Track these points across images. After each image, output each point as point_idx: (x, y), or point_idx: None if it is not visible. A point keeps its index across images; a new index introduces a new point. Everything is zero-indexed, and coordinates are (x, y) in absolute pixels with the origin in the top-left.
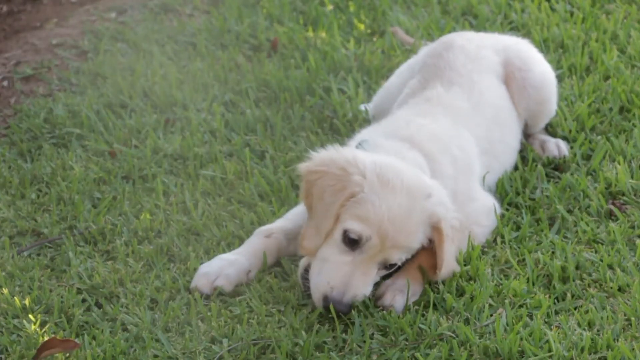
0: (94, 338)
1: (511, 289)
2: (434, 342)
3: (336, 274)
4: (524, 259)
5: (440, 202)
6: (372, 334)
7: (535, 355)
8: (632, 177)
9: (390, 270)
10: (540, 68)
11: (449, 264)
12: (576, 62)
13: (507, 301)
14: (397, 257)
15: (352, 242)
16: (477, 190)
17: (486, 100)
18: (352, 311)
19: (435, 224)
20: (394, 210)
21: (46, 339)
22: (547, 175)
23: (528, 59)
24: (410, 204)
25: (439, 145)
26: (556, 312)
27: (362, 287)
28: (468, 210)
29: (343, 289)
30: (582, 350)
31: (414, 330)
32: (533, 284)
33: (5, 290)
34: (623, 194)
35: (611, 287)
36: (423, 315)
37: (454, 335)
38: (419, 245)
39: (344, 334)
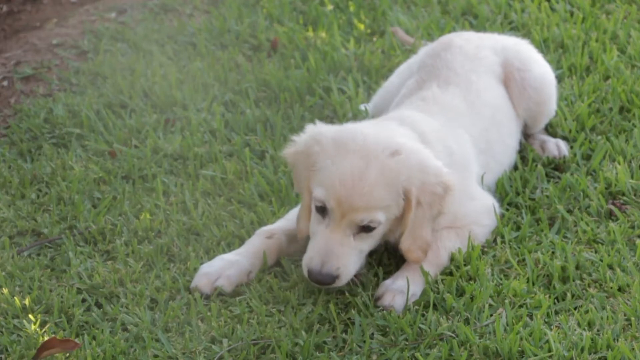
0: (94, 338)
1: (511, 289)
2: (434, 342)
3: (314, 246)
4: (524, 259)
5: (412, 163)
6: (372, 334)
7: (535, 355)
8: (632, 177)
9: (372, 233)
10: (540, 68)
11: (414, 233)
12: (576, 62)
13: (507, 301)
14: (361, 218)
15: (321, 210)
16: (476, 190)
17: (483, 100)
18: (357, 314)
19: (404, 185)
20: (346, 172)
21: (46, 339)
22: (547, 175)
23: (527, 59)
24: (364, 163)
25: (432, 132)
26: (556, 312)
27: (342, 257)
28: (467, 210)
29: (321, 260)
30: (582, 350)
31: (414, 330)
32: (533, 284)
33: (5, 290)
34: (623, 194)
35: (611, 287)
36: (423, 315)
37: (454, 335)
38: (390, 203)
39: (344, 334)
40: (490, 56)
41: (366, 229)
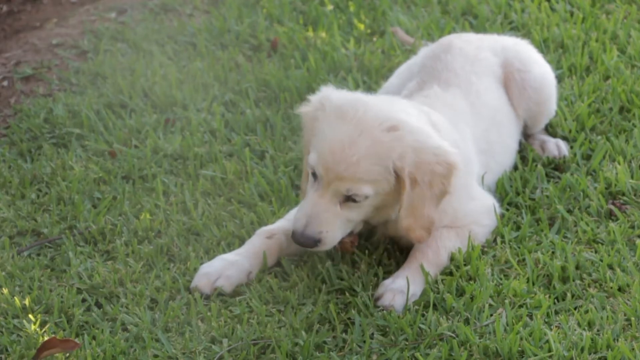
0: (94, 338)
1: (511, 289)
2: (434, 342)
3: (301, 207)
4: (524, 259)
5: (408, 141)
6: (372, 334)
7: (535, 355)
8: (632, 177)
9: (360, 204)
10: (540, 69)
11: (415, 212)
12: (576, 62)
13: (507, 301)
14: (346, 188)
15: (314, 175)
16: (476, 189)
17: (484, 101)
18: (357, 314)
19: (395, 162)
20: (337, 140)
21: (46, 339)
22: (547, 175)
23: (527, 59)
24: (357, 134)
25: (442, 123)
26: (556, 312)
27: (326, 223)
28: (467, 210)
29: (305, 221)
30: (582, 350)
31: (414, 330)
32: (533, 284)
33: (5, 290)
34: (623, 194)
35: (611, 287)
36: (423, 315)
37: (454, 335)
38: (378, 178)
39: (344, 334)
40: (490, 57)
41: (353, 199)
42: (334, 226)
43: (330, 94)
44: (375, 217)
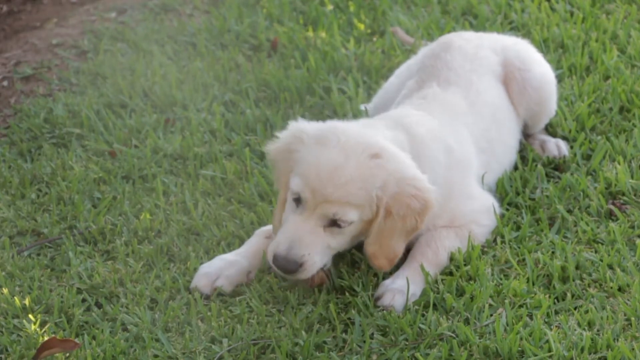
0: (94, 338)
1: (511, 289)
2: (434, 342)
3: (283, 232)
4: (524, 259)
5: (390, 169)
6: (372, 334)
7: (535, 355)
8: (632, 177)
9: (343, 230)
10: (540, 68)
11: (381, 241)
12: (576, 62)
13: (507, 301)
14: (333, 212)
15: (297, 201)
16: (476, 189)
17: (483, 100)
18: (357, 314)
19: (377, 191)
20: (323, 163)
21: (46, 339)
22: (547, 175)
23: (527, 59)
24: (343, 158)
25: (429, 131)
26: (556, 312)
27: (310, 247)
28: (466, 209)
29: (288, 245)
30: (582, 350)
31: (414, 330)
32: (533, 284)
33: (5, 290)
34: (623, 194)
35: (611, 287)
36: (423, 315)
37: (454, 335)
38: (363, 203)
39: (344, 334)
40: (490, 56)
41: (337, 223)
42: (316, 250)
43: (302, 126)
44: (349, 246)
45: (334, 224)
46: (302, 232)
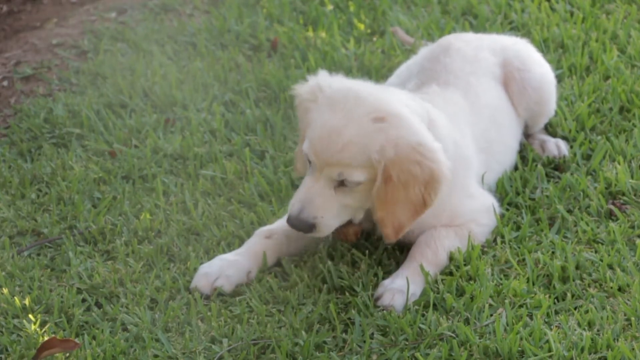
0: (94, 338)
1: (511, 289)
2: (434, 342)
3: (297, 193)
4: (524, 259)
5: (391, 134)
6: (372, 334)
7: (535, 355)
8: (632, 177)
9: (355, 189)
10: (540, 68)
11: (386, 207)
12: (576, 62)
13: (507, 301)
14: (337, 173)
15: (308, 161)
16: (475, 188)
17: (482, 101)
18: (357, 314)
19: (373, 154)
20: (326, 127)
21: (46, 339)
22: (547, 175)
23: (527, 59)
24: (344, 123)
25: (444, 119)
26: (556, 312)
27: (322, 209)
28: (465, 208)
29: (300, 206)
30: (582, 350)
31: (414, 330)
32: (533, 284)
33: (5, 290)
34: (623, 194)
35: (611, 287)
36: (423, 315)
37: (454, 335)
38: (363, 164)
39: (344, 334)
40: (489, 57)
41: (346, 184)
42: (329, 212)
43: (323, 84)
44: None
45: (342, 184)
46: (313, 194)
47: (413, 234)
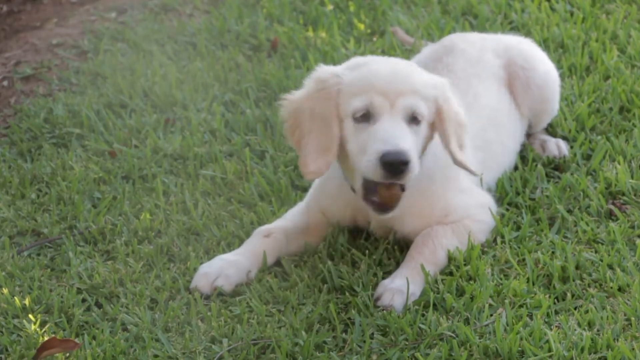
0: (94, 338)
1: (511, 289)
2: (434, 342)
3: (376, 138)
4: (524, 259)
5: (438, 84)
6: (372, 334)
7: (535, 355)
8: (632, 177)
9: (419, 128)
10: (544, 67)
11: (453, 146)
12: (576, 62)
13: (507, 301)
14: (410, 103)
15: (366, 118)
16: (466, 183)
17: (482, 102)
18: (357, 314)
19: (435, 99)
20: (379, 70)
21: (46, 339)
22: (547, 175)
23: (531, 57)
24: (394, 63)
25: None
26: (556, 312)
27: (407, 141)
28: (458, 203)
29: (392, 143)
30: (582, 350)
31: (414, 330)
32: (533, 284)
33: (5, 290)
34: (623, 194)
35: (611, 287)
36: (423, 315)
37: (454, 335)
38: (430, 92)
39: (344, 334)
40: (492, 60)
41: (416, 118)
42: (414, 150)
43: (327, 69)
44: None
45: (412, 120)
46: (395, 129)
47: (410, 231)
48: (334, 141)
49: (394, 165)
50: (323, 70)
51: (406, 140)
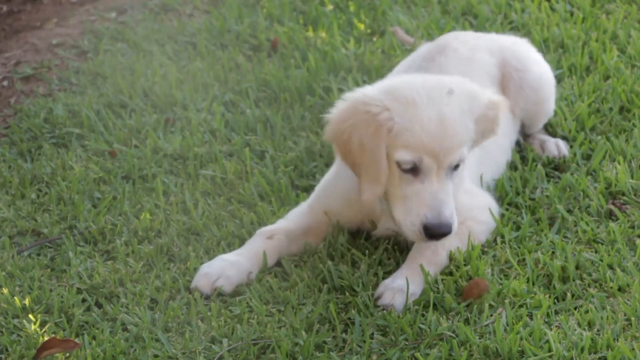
0: (94, 338)
1: (511, 289)
2: (434, 342)
3: (422, 201)
4: (524, 259)
5: (467, 93)
6: (372, 334)
7: (535, 355)
8: (632, 177)
9: (459, 169)
10: (538, 68)
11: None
12: (576, 62)
13: (507, 301)
14: (457, 159)
15: (412, 171)
16: (469, 185)
17: None
18: (357, 314)
19: (473, 116)
20: (428, 125)
21: (46, 339)
22: (547, 175)
23: (525, 59)
24: (438, 109)
25: None
26: (556, 312)
27: (451, 204)
28: (461, 204)
29: (437, 211)
30: (582, 350)
31: (414, 330)
32: (533, 284)
33: (5, 290)
34: (623, 194)
35: (611, 287)
36: (423, 315)
37: (454, 335)
38: (473, 134)
39: (344, 334)
40: (486, 58)
41: (458, 166)
42: (453, 205)
43: (367, 93)
44: None
45: (455, 168)
46: (440, 194)
47: None
48: (383, 177)
49: (437, 235)
50: (368, 96)
51: (450, 205)
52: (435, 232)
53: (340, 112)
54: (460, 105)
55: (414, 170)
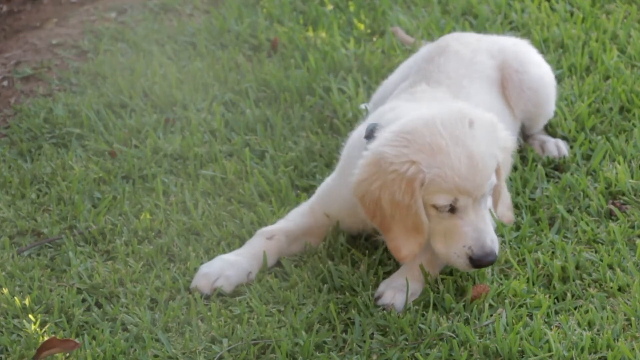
0: (94, 338)
1: (511, 289)
2: (434, 342)
3: (464, 235)
4: (524, 259)
5: (486, 121)
6: (372, 334)
7: (535, 355)
8: (632, 177)
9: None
10: (538, 70)
11: (502, 196)
12: (576, 62)
13: (507, 301)
14: (488, 190)
15: (450, 209)
16: None
17: (473, 102)
18: (357, 314)
19: (496, 146)
20: (458, 167)
21: (46, 339)
22: (547, 175)
23: (525, 60)
24: (464, 148)
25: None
26: (556, 312)
27: (490, 231)
28: None
29: (480, 242)
30: (582, 350)
31: (414, 330)
32: (533, 284)
33: (5, 290)
34: (623, 194)
35: (611, 287)
36: (423, 315)
37: (454, 335)
38: (497, 161)
39: (344, 334)
40: (485, 61)
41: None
42: (492, 229)
43: (384, 150)
44: None
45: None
46: (480, 224)
47: None
48: (425, 227)
49: (484, 264)
50: (390, 154)
51: (490, 232)
52: (482, 263)
53: (365, 173)
54: (484, 135)
55: (452, 209)
